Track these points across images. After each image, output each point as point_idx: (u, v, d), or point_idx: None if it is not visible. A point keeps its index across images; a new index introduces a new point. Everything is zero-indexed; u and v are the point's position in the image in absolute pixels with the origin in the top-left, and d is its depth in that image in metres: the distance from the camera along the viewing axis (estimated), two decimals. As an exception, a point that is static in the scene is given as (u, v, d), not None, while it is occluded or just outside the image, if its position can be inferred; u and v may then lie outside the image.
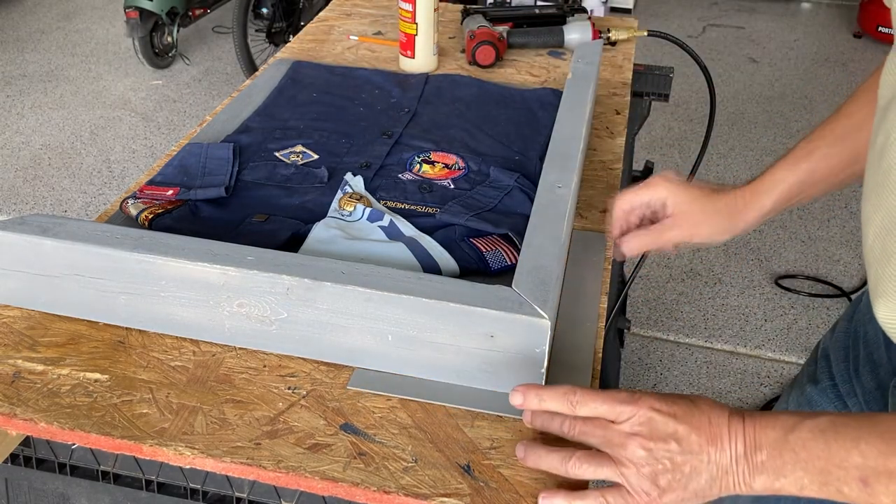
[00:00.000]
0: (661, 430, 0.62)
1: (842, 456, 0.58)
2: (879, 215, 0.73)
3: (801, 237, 2.79)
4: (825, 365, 0.96)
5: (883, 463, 0.57)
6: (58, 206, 2.86)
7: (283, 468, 0.68)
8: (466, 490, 0.67)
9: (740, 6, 4.83)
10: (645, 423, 0.62)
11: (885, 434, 0.58)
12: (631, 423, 0.63)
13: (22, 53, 3.98)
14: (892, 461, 0.57)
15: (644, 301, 2.48)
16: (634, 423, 0.63)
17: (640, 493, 0.62)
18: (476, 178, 1.07)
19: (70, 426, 0.72)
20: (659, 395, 0.64)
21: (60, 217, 0.83)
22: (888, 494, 0.58)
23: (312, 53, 1.48)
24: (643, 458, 0.62)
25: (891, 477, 0.57)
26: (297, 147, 1.13)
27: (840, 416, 0.61)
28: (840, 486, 0.59)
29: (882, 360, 0.85)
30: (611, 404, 0.64)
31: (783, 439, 0.60)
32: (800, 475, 0.59)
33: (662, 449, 0.61)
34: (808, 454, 0.59)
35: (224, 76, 3.85)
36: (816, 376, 0.97)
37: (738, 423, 0.62)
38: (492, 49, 1.42)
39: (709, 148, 1.55)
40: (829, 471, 0.59)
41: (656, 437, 0.62)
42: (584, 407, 0.65)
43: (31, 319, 0.84)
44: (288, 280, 0.75)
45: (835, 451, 0.59)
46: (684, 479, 0.61)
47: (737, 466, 0.61)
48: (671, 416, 0.62)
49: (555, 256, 0.81)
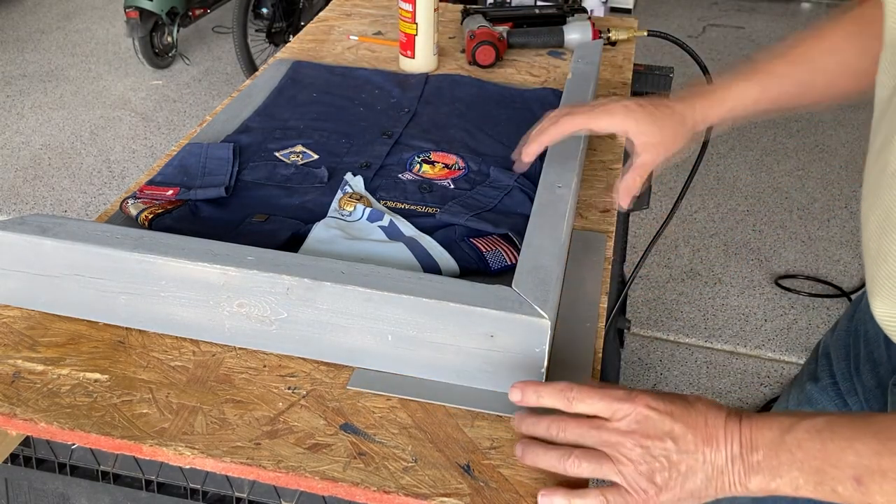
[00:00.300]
0: (658, 429, 0.62)
1: (837, 456, 0.58)
2: (876, 214, 0.73)
3: (801, 237, 2.79)
4: (826, 363, 0.96)
5: (877, 462, 0.57)
6: (58, 206, 2.86)
7: (283, 468, 0.69)
8: (466, 490, 0.67)
9: (740, 6, 4.83)
10: (641, 421, 0.62)
11: (879, 433, 0.58)
12: (627, 421, 0.63)
13: (22, 53, 3.98)
14: (886, 460, 0.57)
15: (644, 301, 2.48)
16: (631, 421, 0.63)
17: (638, 490, 0.62)
18: (476, 178, 1.07)
19: (70, 426, 0.72)
20: (655, 394, 0.64)
21: (60, 217, 0.83)
22: (882, 494, 0.58)
23: (312, 53, 1.48)
24: (640, 456, 0.62)
25: (884, 476, 0.57)
26: (297, 147, 1.13)
27: (836, 416, 0.61)
28: (835, 485, 0.59)
29: (882, 358, 0.85)
30: (607, 402, 0.64)
31: (779, 440, 0.60)
32: (795, 475, 0.59)
33: (659, 447, 0.61)
34: (803, 454, 0.59)
35: (224, 76, 3.85)
36: (817, 374, 0.97)
37: (735, 423, 0.62)
38: (492, 49, 1.42)
39: (709, 148, 1.55)
40: (824, 470, 0.59)
41: (652, 435, 0.62)
42: (581, 403, 0.65)
43: (31, 319, 0.84)
44: (288, 280, 0.75)
45: (830, 450, 0.59)
46: (681, 478, 0.61)
47: (732, 466, 0.61)
48: (668, 414, 0.62)
49: (555, 256, 0.81)
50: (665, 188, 2.96)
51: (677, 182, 3.02)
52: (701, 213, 2.91)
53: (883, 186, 0.71)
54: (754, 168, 3.19)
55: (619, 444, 0.62)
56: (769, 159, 3.26)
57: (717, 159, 3.22)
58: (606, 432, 0.63)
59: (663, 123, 0.87)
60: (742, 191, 3.04)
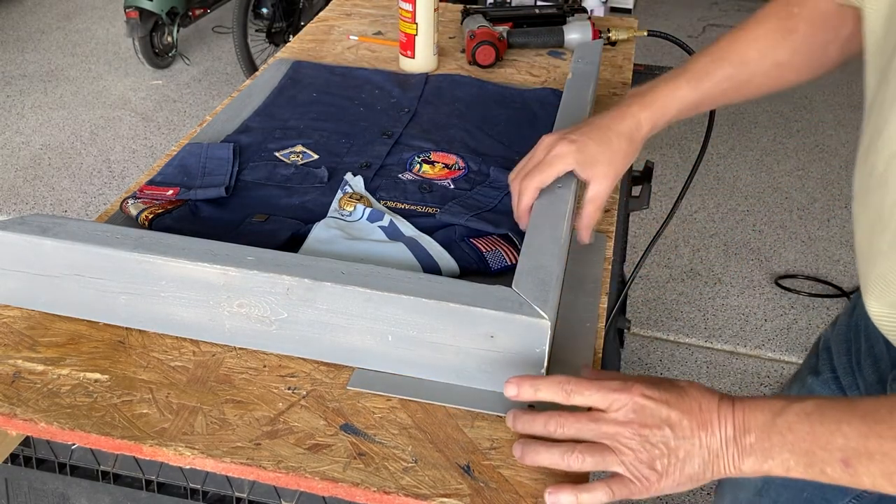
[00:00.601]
0: (654, 417, 0.63)
1: (826, 438, 0.60)
2: (866, 214, 0.74)
3: (801, 237, 2.79)
4: (826, 357, 0.97)
5: (863, 444, 0.59)
6: (58, 206, 2.86)
7: (283, 468, 0.68)
8: (466, 490, 0.67)
9: (740, 6, 4.83)
10: (638, 411, 0.63)
11: (866, 416, 0.60)
12: (624, 411, 0.64)
13: (22, 53, 3.98)
14: (873, 442, 0.59)
15: (644, 301, 2.48)
16: (628, 411, 0.64)
17: (641, 478, 0.63)
18: (476, 178, 1.07)
19: (70, 426, 0.72)
20: (649, 381, 0.65)
21: (60, 217, 0.83)
22: (868, 475, 0.59)
23: (312, 53, 1.48)
24: (639, 444, 0.63)
25: (871, 458, 0.59)
26: (297, 147, 1.13)
27: (825, 400, 0.62)
28: (823, 466, 0.60)
29: (882, 353, 0.85)
30: (604, 393, 0.65)
31: (771, 422, 0.62)
32: (786, 457, 0.61)
33: (657, 435, 0.63)
34: (794, 436, 0.61)
35: (224, 76, 3.85)
36: (818, 368, 0.97)
37: (728, 407, 0.63)
38: (492, 49, 1.42)
39: (709, 148, 1.55)
40: (813, 452, 0.60)
41: (650, 423, 0.63)
42: (578, 396, 0.66)
43: (31, 319, 0.84)
44: (288, 280, 0.75)
45: (819, 433, 0.60)
46: (679, 464, 0.63)
47: (727, 449, 0.62)
48: (663, 402, 0.64)
49: (555, 256, 0.81)
50: (665, 188, 2.96)
51: (677, 182, 3.02)
52: (701, 213, 2.91)
53: (871, 186, 0.71)
54: (754, 168, 3.19)
55: (618, 434, 0.63)
56: (769, 159, 3.26)
57: (717, 159, 3.22)
58: (605, 424, 0.64)
59: (609, 146, 0.88)
60: (742, 191, 3.04)
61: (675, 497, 1.86)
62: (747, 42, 0.90)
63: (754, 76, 0.90)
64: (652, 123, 0.89)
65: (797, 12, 0.88)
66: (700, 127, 3.67)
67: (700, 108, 0.91)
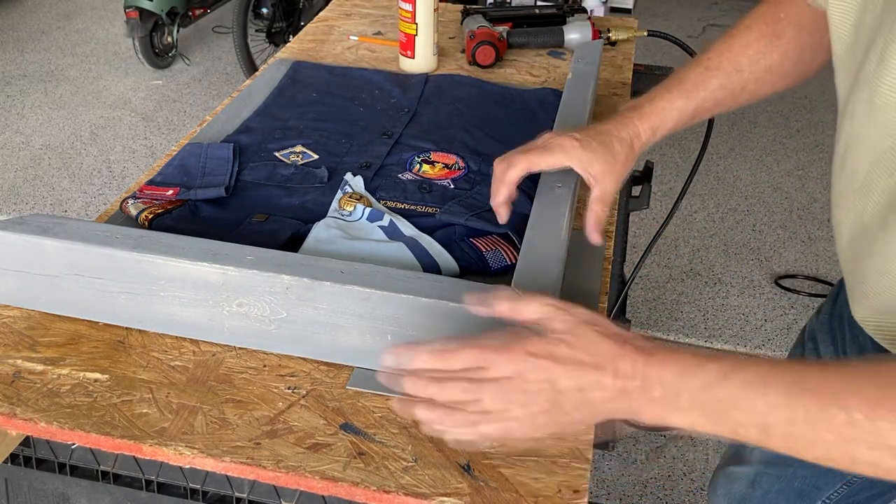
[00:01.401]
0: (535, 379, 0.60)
1: (745, 403, 0.57)
2: (849, 219, 0.74)
3: (801, 237, 2.79)
4: (812, 347, 0.97)
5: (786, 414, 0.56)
6: (58, 206, 2.86)
7: (283, 468, 0.69)
8: (466, 489, 0.67)
9: (740, 6, 4.82)
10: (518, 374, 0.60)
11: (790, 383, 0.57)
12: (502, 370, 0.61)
13: (22, 53, 3.98)
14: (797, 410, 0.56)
15: (644, 301, 2.48)
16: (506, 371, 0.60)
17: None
18: (476, 178, 1.07)
19: (70, 426, 0.72)
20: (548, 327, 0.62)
21: (60, 217, 0.83)
22: (784, 437, 0.57)
23: (312, 53, 1.48)
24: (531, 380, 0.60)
25: (792, 422, 0.56)
26: (297, 147, 1.13)
27: (744, 361, 0.59)
28: (736, 427, 0.58)
29: (867, 341, 0.86)
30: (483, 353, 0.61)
31: (681, 380, 0.59)
32: (695, 415, 0.58)
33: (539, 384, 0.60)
34: (707, 396, 0.58)
35: (224, 76, 3.85)
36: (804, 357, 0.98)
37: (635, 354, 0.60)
38: (492, 49, 1.42)
39: (709, 148, 1.55)
40: (727, 413, 0.58)
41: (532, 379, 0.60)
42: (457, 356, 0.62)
43: (31, 319, 0.84)
44: (287, 280, 0.75)
45: (737, 397, 0.57)
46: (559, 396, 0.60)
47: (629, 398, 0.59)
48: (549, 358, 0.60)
49: (555, 256, 0.81)
50: (665, 188, 2.96)
51: (677, 182, 3.02)
52: (701, 213, 2.91)
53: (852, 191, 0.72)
54: (754, 168, 3.19)
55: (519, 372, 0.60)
56: (769, 159, 3.26)
57: (717, 159, 3.22)
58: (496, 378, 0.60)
59: (611, 150, 0.88)
60: (742, 191, 3.04)
61: (674, 496, 1.86)
62: (739, 49, 0.90)
63: (747, 83, 0.91)
64: (650, 135, 0.90)
65: (784, 17, 0.88)
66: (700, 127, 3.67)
67: (695, 118, 0.91)
